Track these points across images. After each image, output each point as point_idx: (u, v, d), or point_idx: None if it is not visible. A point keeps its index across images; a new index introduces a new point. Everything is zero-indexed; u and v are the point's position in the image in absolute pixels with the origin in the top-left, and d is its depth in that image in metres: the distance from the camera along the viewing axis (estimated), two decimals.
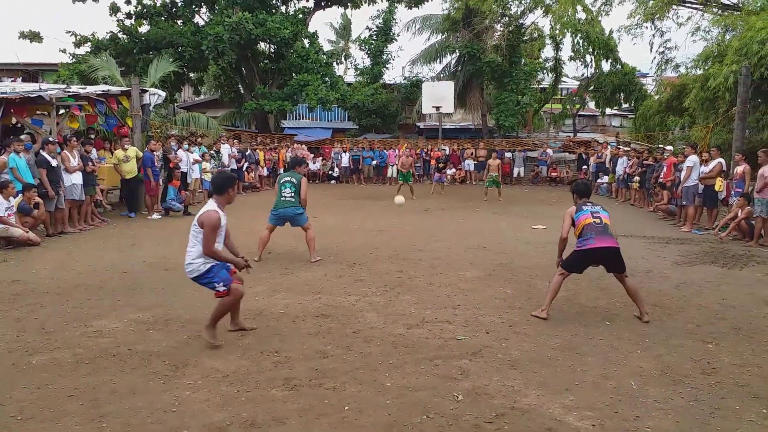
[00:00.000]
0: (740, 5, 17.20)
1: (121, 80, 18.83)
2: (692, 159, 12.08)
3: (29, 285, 6.87)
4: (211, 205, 4.81)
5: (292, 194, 8.41)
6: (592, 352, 4.85)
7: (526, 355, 4.73)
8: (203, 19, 26.34)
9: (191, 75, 27.66)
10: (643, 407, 3.81)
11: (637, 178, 16.31)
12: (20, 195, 9.39)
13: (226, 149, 17.63)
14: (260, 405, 3.77)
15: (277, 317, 5.69)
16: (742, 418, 3.68)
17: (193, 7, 25.90)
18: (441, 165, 21.78)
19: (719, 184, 11.69)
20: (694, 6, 18.68)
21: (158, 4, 25.46)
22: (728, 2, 18.01)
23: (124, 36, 24.65)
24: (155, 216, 12.76)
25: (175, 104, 29.72)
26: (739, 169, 11.31)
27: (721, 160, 12.05)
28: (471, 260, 8.49)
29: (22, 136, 11.23)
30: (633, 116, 28.50)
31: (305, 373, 4.28)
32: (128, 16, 25.29)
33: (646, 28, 20.42)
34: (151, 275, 7.46)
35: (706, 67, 16.28)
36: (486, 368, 4.45)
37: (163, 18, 25.12)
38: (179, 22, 25.73)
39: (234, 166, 17.42)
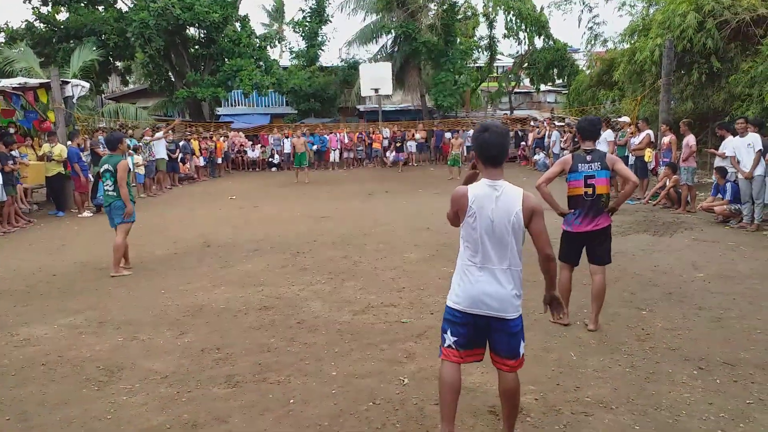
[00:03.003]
0: None
1: (41, 72, 17.78)
2: (609, 133, 12.45)
3: None
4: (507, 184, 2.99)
5: (112, 186, 7.06)
6: (533, 326, 4.93)
7: None
8: (126, 4, 25.14)
9: (117, 64, 26.43)
10: (582, 377, 3.91)
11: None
12: None
13: (162, 143, 16.78)
14: (201, 405, 3.65)
15: (217, 313, 5.53)
16: (674, 380, 3.83)
17: None
18: (398, 144, 22.01)
19: (648, 154, 12.15)
20: None
21: None
22: None
23: (41, 25, 23.25)
24: (86, 213, 12.19)
25: (103, 95, 28.41)
26: (666, 139, 11.78)
27: (650, 131, 12.51)
28: (415, 242, 8.52)
29: None
30: (567, 92, 29.23)
31: (248, 369, 4.18)
32: (44, 2, 23.80)
33: (575, 3, 20.93)
34: (83, 276, 7.12)
35: (633, 41, 16.82)
36: (431, 349, 4.46)
37: (82, 4, 23.80)
38: (100, 8, 24.47)
39: (163, 154, 16.56)
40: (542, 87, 31.43)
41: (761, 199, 8.74)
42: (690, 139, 10.64)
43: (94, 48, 20.70)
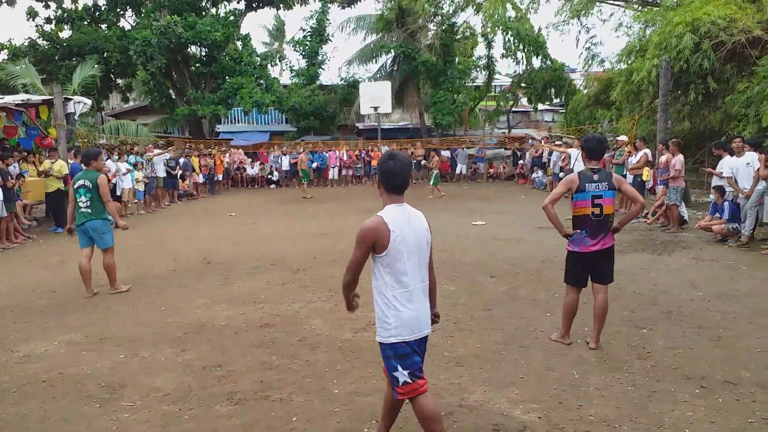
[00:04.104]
0: (659, 1, 18.03)
1: (43, 88, 17.93)
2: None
3: None
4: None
5: (88, 203, 6.73)
6: (534, 344, 4.95)
7: (471, 352, 4.78)
8: (129, 23, 25.43)
9: (119, 81, 26.63)
10: (585, 396, 3.91)
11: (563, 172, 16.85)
12: None
13: (160, 159, 16.83)
14: (204, 423, 3.65)
15: (218, 330, 5.53)
16: (676, 399, 3.83)
17: (118, 10, 24.92)
18: None
19: (646, 173, 12.22)
20: (616, 3, 19.48)
21: (80, 8, 24.36)
22: None
23: (44, 42, 23.50)
24: None
25: (103, 112, 28.58)
26: (663, 158, 11.84)
27: (647, 150, 12.60)
28: None
29: None
30: (564, 111, 29.42)
31: (250, 386, 4.18)
32: (48, 21, 24.10)
33: (573, 24, 21.18)
34: (82, 293, 7.08)
35: (630, 62, 16.97)
36: (433, 367, 4.46)
37: (85, 23, 24.06)
38: (103, 26, 24.74)
39: (162, 173, 16.63)
40: (540, 106, 31.63)
41: (754, 212, 8.77)
42: (678, 160, 10.72)
43: (96, 65, 20.86)
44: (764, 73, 11.74)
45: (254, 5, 26.17)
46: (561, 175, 17.33)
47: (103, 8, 24.63)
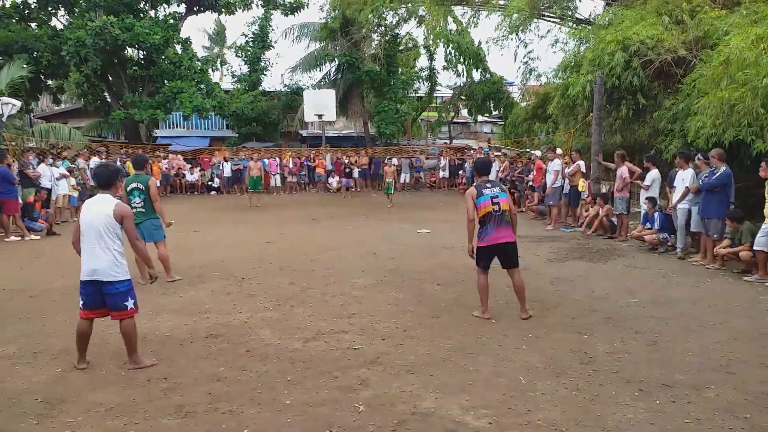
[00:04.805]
0: (592, 20, 18.86)
1: None
2: (558, 162, 13.07)
3: None
4: (109, 198, 4.72)
5: (142, 203, 7.44)
6: (482, 351, 5.06)
7: (421, 359, 4.84)
8: (61, 22, 24.36)
9: (50, 82, 25.45)
10: (532, 401, 4.03)
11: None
12: None
13: (92, 163, 16.21)
14: None
15: (162, 341, 5.37)
16: (618, 402, 4.01)
17: (49, 9, 23.85)
18: (348, 170, 22.21)
19: (582, 184, 12.73)
20: (552, 20, 20.24)
21: (8, 5, 23.17)
22: (582, 17, 19.72)
23: None
24: (14, 238, 11.56)
25: (32, 114, 27.21)
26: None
27: (581, 162, 13.14)
28: (362, 268, 8.55)
29: None
30: (503, 123, 30.24)
31: (199, 399, 4.08)
32: None
33: (512, 39, 21.77)
34: (13, 304, 6.73)
35: (566, 77, 17.65)
36: (385, 375, 4.49)
37: (14, 20, 22.90)
38: (33, 25, 23.62)
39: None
40: (479, 118, 32.39)
41: (682, 229, 9.24)
42: (623, 170, 11.21)
43: (25, 65, 19.87)
44: (688, 90, 12.43)
45: (195, 9, 25.64)
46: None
47: (33, 6, 23.50)
